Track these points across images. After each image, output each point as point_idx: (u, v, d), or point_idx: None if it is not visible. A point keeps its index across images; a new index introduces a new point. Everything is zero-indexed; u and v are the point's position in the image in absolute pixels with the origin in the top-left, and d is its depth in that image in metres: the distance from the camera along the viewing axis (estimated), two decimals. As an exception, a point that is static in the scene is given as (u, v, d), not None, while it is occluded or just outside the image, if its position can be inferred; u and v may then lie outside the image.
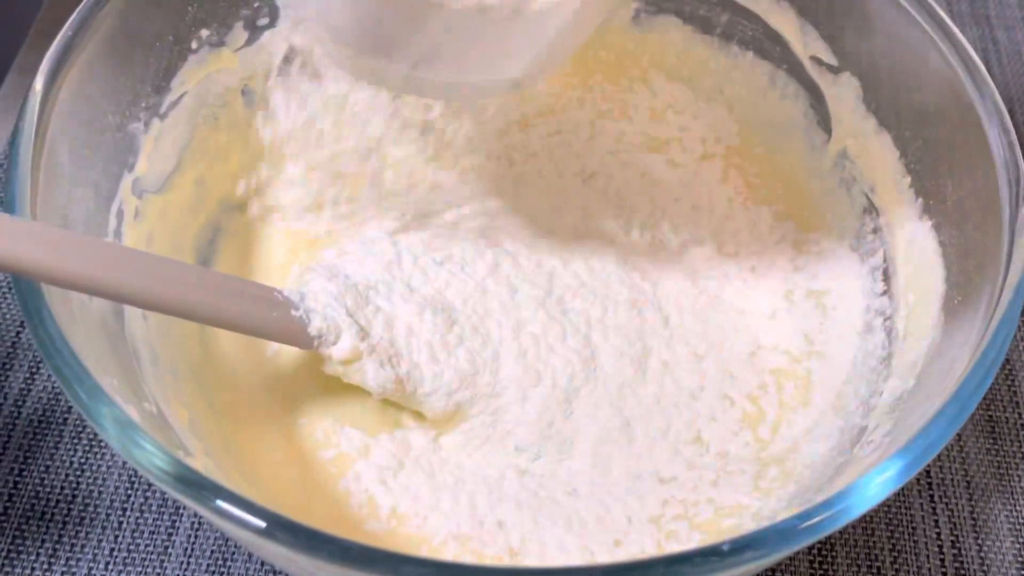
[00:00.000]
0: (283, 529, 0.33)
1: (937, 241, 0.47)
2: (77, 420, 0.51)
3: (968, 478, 0.52)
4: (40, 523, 0.48)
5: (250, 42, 0.54)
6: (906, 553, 0.50)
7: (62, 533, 0.48)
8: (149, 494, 0.50)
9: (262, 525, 0.33)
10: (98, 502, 0.49)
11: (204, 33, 0.52)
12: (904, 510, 0.51)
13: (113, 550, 0.48)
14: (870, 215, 0.52)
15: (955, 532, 0.50)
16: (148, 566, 0.48)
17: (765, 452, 0.49)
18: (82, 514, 0.49)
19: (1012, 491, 0.52)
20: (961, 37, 0.46)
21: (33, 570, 0.47)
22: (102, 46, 0.45)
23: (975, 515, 0.51)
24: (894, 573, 0.49)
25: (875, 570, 0.49)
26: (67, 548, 0.48)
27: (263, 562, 0.48)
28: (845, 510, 0.34)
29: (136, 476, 0.50)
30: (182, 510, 0.49)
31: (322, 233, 0.55)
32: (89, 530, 0.48)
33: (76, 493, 0.49)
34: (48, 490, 0.49)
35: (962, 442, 0.53)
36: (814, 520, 0.34)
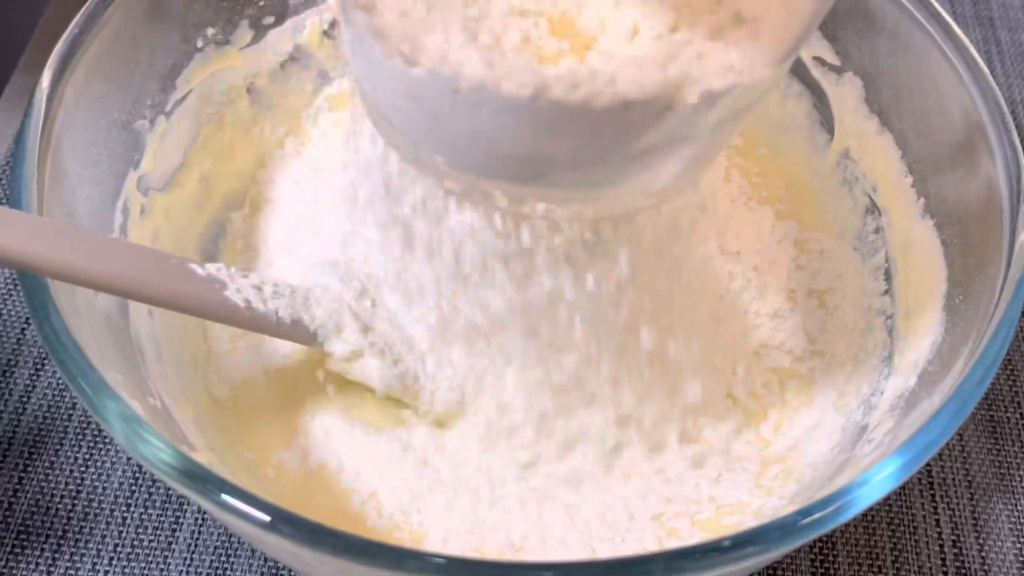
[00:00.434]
0: (287, 523, 0.33)
1: (939, 240, 0.47)
2: (81, 416, 0.52)
3: (970, 477, 0.52)
4: (44, 518, 0.49)
5: (255, 41, 0.54)
6: (907, 552, 0.50)
7: (66, 529, 0.48)
8: (153, 490, 0.50)
9: (266, 519, 0.33)
10: (102, 498, 0.49)
11: (210, 31, 0.52)
12: (905, 509, 0.51)
13: (117, 546, 0.48)
14: (872, 215, 0.52)
15: (956, 531, 0.50)
16: (152, 561, 0.48)
17: (767, 450, 0.49)
18: (86, 509, 0.49)
19: (1013, 491, 0.52)
20: (964, 38, 0.47)
21: (37, 565, 0.47)
22: (108, 44, 0.45)
23: (976, 514, 0.51)
24: (895, 572, 0.49)
25: (876, 569, 0.49)
26: (71, 544, 0.48)
27: (266, 557, 0.48)
28: (845, 506, 0.34)
29: (140, 472, 0.50)
30: (186, 506, 0.49)
31: (326, 229, 0.55)
32: (93, 526, 0.49)
33: (80, 489, 0.50)
34: (52, 485, 0.49)
35: (964, 441, 0.53)
36: (815, 516, 0.34)
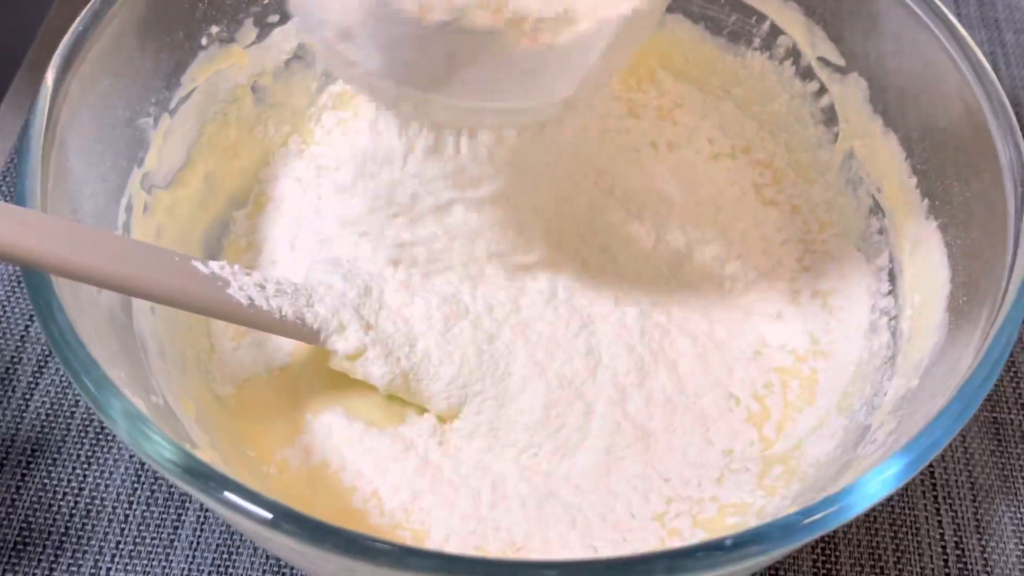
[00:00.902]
0: (289, 520, 0.33)
1: (943, 242, 0.47)
2: (84, 413, 0.52)
3: (972, 479, 0.52)
4: (47, 516, 0.49)
5: (260, 39, 0.54)
6: (909, 553, 0.50)
7: (68, 526, 0.48)
8: (155, 487, 0.50)
9: (268, 516, 0.33)
10: (104, 495, 0.49)
11: (214, 29, 0.52)
12: (908, 510, 0.51)
13: (119, 543, 0.48)
14: (876, 215, 0.52)
15: (959, 533, 0.50)
16: (154, 559, 0.48)
17: (770, 451, 0.49)
18: (88, 507, 0.49)
19: (1016, 492, 0.52)
20: (969, 39, 0.46)
21: (40, 562, 0.47)
22: (113, 41, 0.45)
23: (979, 516, 0.51)
24: (897, 573, 0.49)
25: (878, 570, 0.49)
26: (73, 540, 0.48)
27: (268, 555, 0.48)
28: (847, 506, 0.34)
29: (142, 469, 0.50)
30: (188, 503, 0.49)
31: (329, 228, 0.55)
32: (95, 523, 0.49)
33: (83, 486, 0.50)
34: (55, 483, 0.50)
35: (966, 443, 0.53)
36: (816, 516, 0.34)
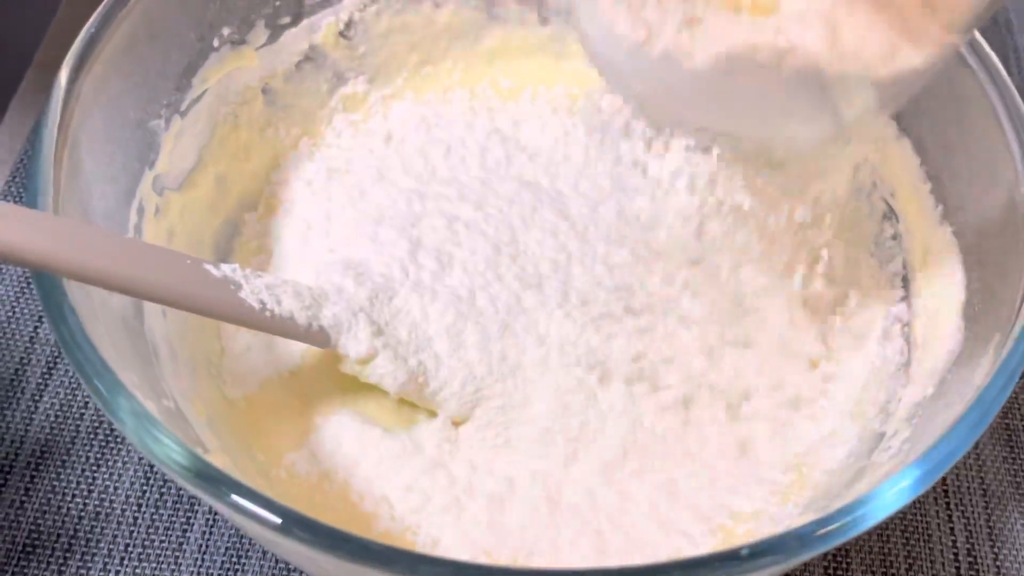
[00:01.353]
0: (300, 526, 0.33)
1: (957, 248, 0.47)
2: (93, 416, 0.52)
3: (984, 486, 0.52)
4: (55, 518, 0.49)
5: (271, 41, 0.54)
6: (921, 561, 0.49)
7: (77, 529, 0.48)
8: (164, 490, 0.50)
9: (278, 521, 0.33)
10: (113, 498, 0.49)
11: (226, 31, 0.52)
12: (920, 518, 0.51)
13: (128, 546, 0.48)
14: (889, 221, 0.52)
15: (971, 540, 0.50)
16: (163, 562, 0.48)
17: (782, 457, 0.48)
18: (97, 510, 0.49)
19: (1029, 500, 0.51)
20: (983, 43, 0.46)
21: (48, 565, 0.47)
22: (125, 42, 0.45)
23: (991, 523, 0.51)
24: (909, 581, 0.49)
25: (890, 577, 0.49)
26: (82, 544, 0.48)
27: (278, 559, 0.48)
28: (864, 516, 0.34)
29: (151, 472, 0.50)
30: (197, 507, 0.49)
31: (340, 230, 0.55)
32: (104, 526, 0.48)
33: (92, 489, 0.49)
34: (64, 485, 0.49)
35: (979, 450, 0.53)
36: (833, 526, 0.34)
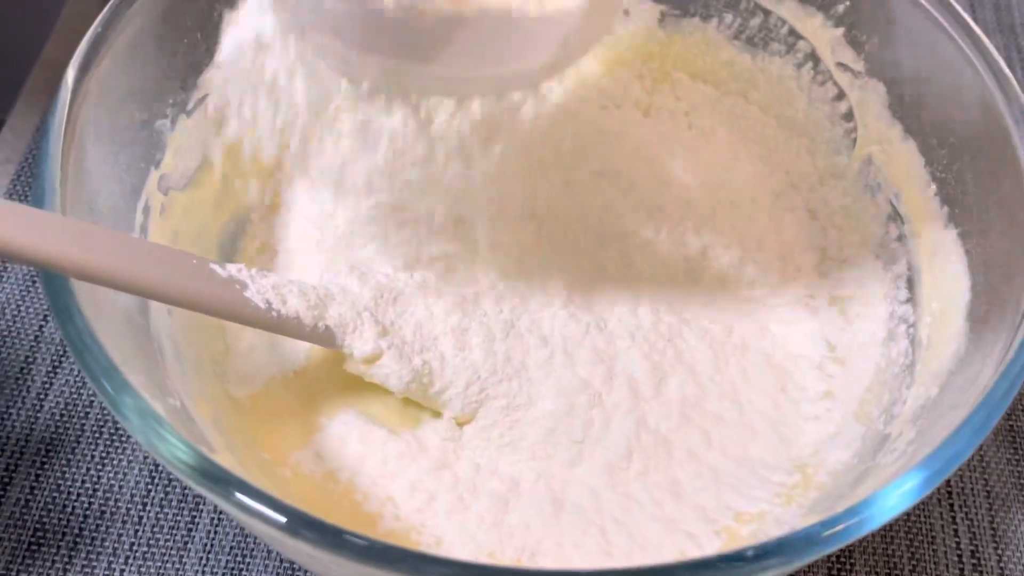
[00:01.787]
0: (305, 525, 0.33)
1: (963, 250, 0.47)
2: (99, 414, 0.52)
3: (988, 488, 0.52)
4: (61, 516, 0.49)
5: (276, 40, 0.54)
6: (925, 562, 0.49)
7: (82, 527, 0.48)
8: (169, 489, 0.50)
9: (283, 520, 0.33)
10: (118, 496, 0.49)
11: (231, 30, 0.52)
12: (924, 519, 0.51)
13: (133, 545, 0.48)
14: (895, 222, 0.52)
15: (975, 542, 0.50)
16: (167, 561, 0.48)
17: (787, 459, 0.48)
18: (102, 508, 0.49)
19: (1033, 502, 0.51)
20: (989, 45, 0.46)
21: (53, 563, 0.47)
22: (132, 41, 0.45)
23: (995, 525, 0.51)
24: (913, 582, 0.49)
25: (894, 579, 0.49)
26: (87, 542, 0.48)
27: (282, 558, 0.48)
28: (870, 518, 0.34)
29: (157, 471, 0.50)
30: (202, 506, 0.49)
31: (346, 230, 0.55)
32: (109, 524, 0.49)
33: (97, 487, 0.50)
34: (69, 483, 0.49)
35: (983, 452, 0.53)
36: (838, 528, 0.34)
